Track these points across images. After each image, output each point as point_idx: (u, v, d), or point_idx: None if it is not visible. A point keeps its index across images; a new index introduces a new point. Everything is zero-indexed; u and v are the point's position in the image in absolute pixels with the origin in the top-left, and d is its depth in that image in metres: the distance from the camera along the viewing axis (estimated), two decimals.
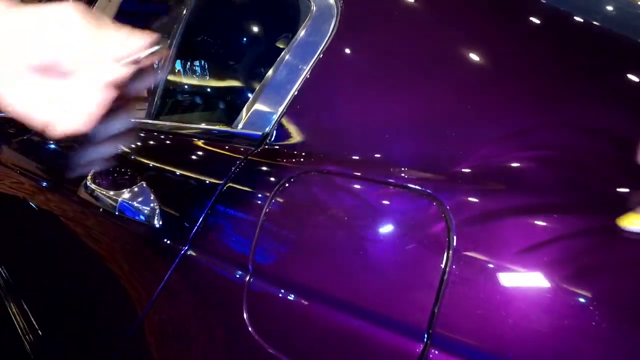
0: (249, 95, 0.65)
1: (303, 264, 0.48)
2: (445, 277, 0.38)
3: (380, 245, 0.43)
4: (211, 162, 0.65)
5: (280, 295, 0.49)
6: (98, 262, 0.78)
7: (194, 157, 0.69)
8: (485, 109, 0.47)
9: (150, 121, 0.83)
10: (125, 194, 0.69)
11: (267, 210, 0.52)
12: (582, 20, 0.54)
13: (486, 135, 0.46)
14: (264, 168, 0.56)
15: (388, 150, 0.49)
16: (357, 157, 0.51)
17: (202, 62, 0.96)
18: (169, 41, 0.84)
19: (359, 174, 0.48)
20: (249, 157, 0.58)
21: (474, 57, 0.50)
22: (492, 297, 0.36)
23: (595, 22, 0.55)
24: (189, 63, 0.92)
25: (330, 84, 0.58)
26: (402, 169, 0.46)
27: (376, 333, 0.41)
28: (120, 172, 0.74)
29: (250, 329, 0.50)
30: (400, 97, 0.52)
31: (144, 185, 0.68)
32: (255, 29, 0.82)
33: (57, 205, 0.92)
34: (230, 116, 0.66)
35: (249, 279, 0.51)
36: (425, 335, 0.38)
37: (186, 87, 0.92)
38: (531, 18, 0.54)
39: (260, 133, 0.61)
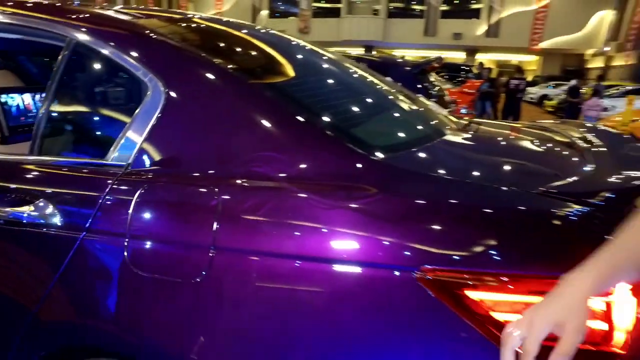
0: (114, 139, 1.03)
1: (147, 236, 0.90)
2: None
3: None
4: (94, 183, 1.01)
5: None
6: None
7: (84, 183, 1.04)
8: (246, 142, 0.95)
9: (33, 157, 1.13)
10: (26, 209, 1.00)
11: (132, 208, 0.91)
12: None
13: (251, 155, 0.93)
14: (129, 184, 0.95)
15: (191, 166, 0.94)
16: (176, 171, 0.94)
17: (77, 113, 1.26)
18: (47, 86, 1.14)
19: (177, 181, 0.92)
20: (119, 178, 0.97)
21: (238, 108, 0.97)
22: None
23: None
24: (65, 109, 1.22)
25: (162, 134, 0.99)
26: (200, 175, 0.91)
27: None
28: (17, 192, 1.04)
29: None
30: (196, 135, 0.97)
31: (41, 200, 1.00)
32: (112, 95, 1.19)
33: None
34: (104, 153, 1.03)
35: (126, 252, 0.90)
36: None
37: (64, 128, 1.22)
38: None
39: (124, 163, 0.99)
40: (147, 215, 0.93)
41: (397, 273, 0.77)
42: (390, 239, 0.78)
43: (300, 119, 0.98)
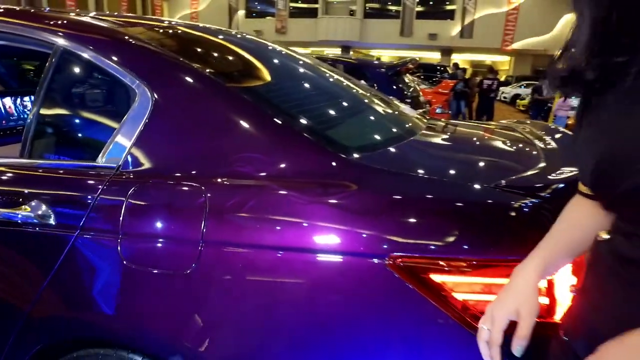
0: (105, 142, 1.09)
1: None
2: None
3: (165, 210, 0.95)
4: (86, 184, 1.07)
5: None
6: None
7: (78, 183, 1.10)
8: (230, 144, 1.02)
9: (27, 160, 1.17)
10: (21, 210, 1.06)
11: (123, 207, 0.98)
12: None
13: (233, 155, 1.01)
14: (120, 184, 1.02)
15: (177, 167, 1.01)
16: (164, 172, 1.01)
17: (68, 118, 1.31)
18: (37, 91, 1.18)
19: (165, 181, 0.99)
20: (111, 179, 1.03)
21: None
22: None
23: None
24: (56, 114, 1.27)
25: (150, 137, 1.06)
26: (186, 175, 0.98)
27: None
28: (13, 195, 1.09)
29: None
30: (182, 138, 1.04)
31: (35, 201, 1.06)
32: (101, 101, 1.24)
33: None
34: (95, 156, 1.09)
35: (119, 247, 0.97)
36: None
37: (56, 132, 1.27)
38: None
39: (115, 165, 1.05)
40: (138, 214, 1.00)
41: (369, 260, 0.86)
42: (363, 230, 0.87)
43: (279, 121, 1.07)
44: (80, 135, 1.30)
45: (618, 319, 0.59)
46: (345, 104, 1.50)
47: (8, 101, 1.78)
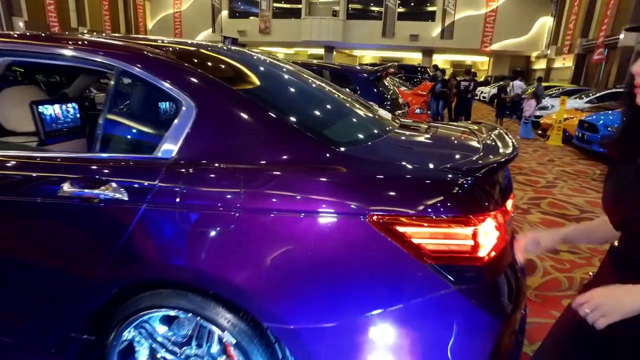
0: (160, 140, 1.48)
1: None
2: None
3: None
4: (151, 170, 1.45)
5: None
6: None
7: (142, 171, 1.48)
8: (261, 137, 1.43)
9: (106, 155, 1.55)
10: (105, 189, 1.44)
11: (179, 186, 1.37)
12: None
13: (257, 149, 1.42)
14: (174, 171, 1.41)
15: (215, 157, 1.41)
16: (206, 161, 1.41)
17: (133, 122, 1.70)
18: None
19: (208, 167, 1.39)
20: (167, 167, 1.42)
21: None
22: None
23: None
24: (119, 120, 1.65)
25: (194, 137, 1.45)
26: (223, 163, 1.38)
27: None
28: (93, 180, 1.47)
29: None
30: (217, 136, 1.44)
31: (114, 183, 1.44)
32: (155, 109, 1.62)
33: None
34: (154, 150, 1.48)
35: (176, 214, 1.36)
36: None
37: (123, 134, 1.65)
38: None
39: (169, 157, 1.44)
40: (188, 191, 1.39)
41: (353, 218, 1.28)
42: (350, 198, 1.29)
43: (290, 123, 1.48)
44: (140, 135, 1.69)
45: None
46: (336, 109, 1.92)
47: (57, 107, 2.14)
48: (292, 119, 1.54)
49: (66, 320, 1.60)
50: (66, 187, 1.48)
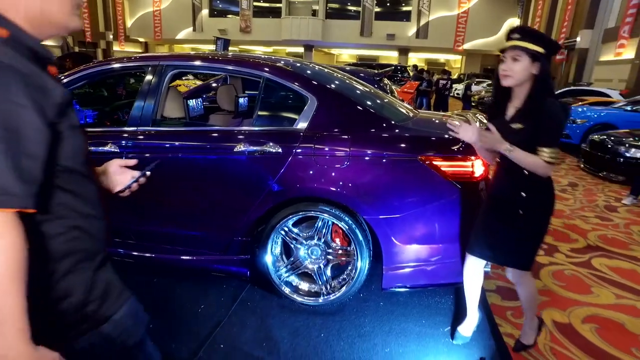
0: (296, 119, 2.61)
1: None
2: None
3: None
4: (290, 137, 2.58)
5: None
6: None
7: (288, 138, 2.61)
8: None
9: (259, 128, 2.67)
10: (266, 146, 2.56)
11: (313, 144, 2.52)
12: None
13: (355, 126, 2.58)
14: (307, 136, 2.54)
15: (331, 129, 2.56)
16: (325, 131, 2.56)
17: (279, 110, 2.82)
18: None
19: (326, 134, 2.55)
20: (303, 134, 2.55)
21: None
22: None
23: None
24: (268, 110, 2.80)
25: (316, 117, 2.59)
26: (337, 132, 2.54)
27: None
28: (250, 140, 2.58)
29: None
30: (330, 116, 2.60)
31: (271, 142, 2.56)
32: (291, 102, 2.75)
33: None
34: (293, 124, 2.61)
35: (313, 159, 2.50)
36: None
37: (272, 116, 2.80)
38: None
39: (303, 128, 2.57)
40: (318, 147, 2.52)
41: (410, 158, 2.45)
42: (408, 147, 2.47)
43: (368, 108, 2.65)
44: (285, 116, 2.83)
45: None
46: (384, 101, 3.11)
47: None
48: (369, 105, 2.71)
49: (235, 229, 2.72)
50: (241, 146, 2.60)
